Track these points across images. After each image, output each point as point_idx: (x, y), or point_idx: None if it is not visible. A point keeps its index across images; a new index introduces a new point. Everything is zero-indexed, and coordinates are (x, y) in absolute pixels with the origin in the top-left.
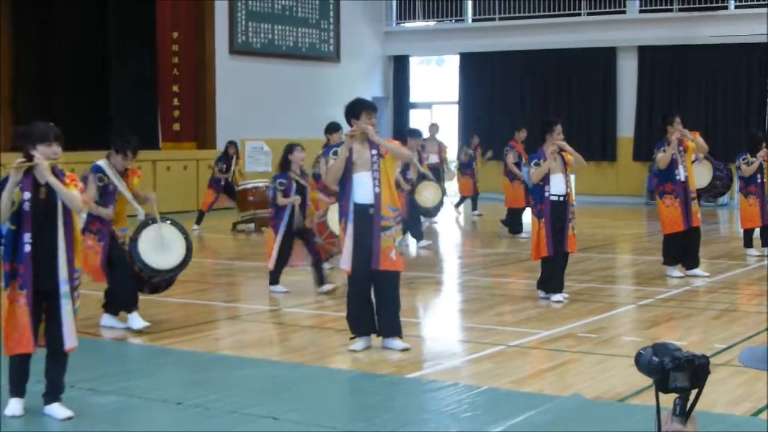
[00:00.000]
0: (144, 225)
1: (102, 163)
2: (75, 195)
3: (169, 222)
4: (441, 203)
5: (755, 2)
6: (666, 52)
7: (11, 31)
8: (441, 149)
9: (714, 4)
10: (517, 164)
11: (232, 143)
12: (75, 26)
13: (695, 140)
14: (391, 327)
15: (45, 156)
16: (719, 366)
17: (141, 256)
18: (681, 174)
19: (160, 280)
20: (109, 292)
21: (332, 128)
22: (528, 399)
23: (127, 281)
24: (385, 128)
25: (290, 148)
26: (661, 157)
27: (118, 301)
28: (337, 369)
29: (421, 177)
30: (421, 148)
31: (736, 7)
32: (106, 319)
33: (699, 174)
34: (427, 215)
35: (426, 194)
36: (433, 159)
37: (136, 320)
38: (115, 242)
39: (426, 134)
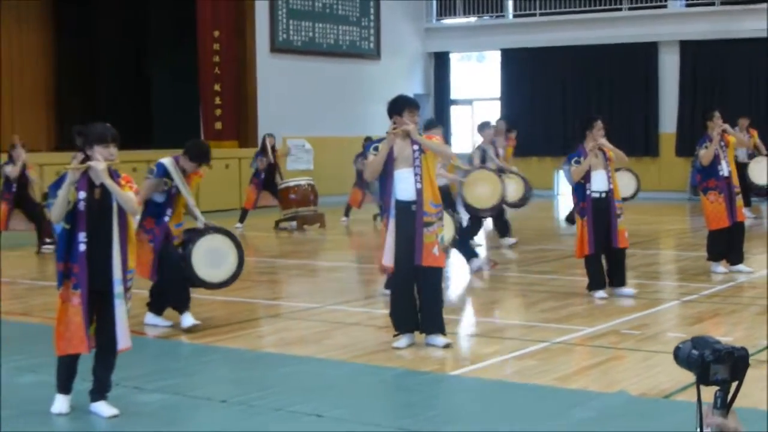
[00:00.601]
0: (201, 234)
1: (168, 164)
2: (130, 197)
3: (225, 234)
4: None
5: None
6: (708, 47)
7: (54, 33)
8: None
9: None
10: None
11: (269, 135)
12: (116, 27)
13: (753, 138)
14: (434, 324)
15: (102, 157)
16: (763, 363)
17: (194, 268)
18: (724, 169)
19: (214, 287)
20: (154, 291)
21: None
22: (573, 396)
23: (179, 280)
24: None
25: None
26: (704, 154)
27: (166, 300)
28: (380, 366)
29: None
30: (493, 143)
31: None
32: (150, 318)
33: (758, 170)
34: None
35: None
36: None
37: (187, 319)
38: (168, 241)
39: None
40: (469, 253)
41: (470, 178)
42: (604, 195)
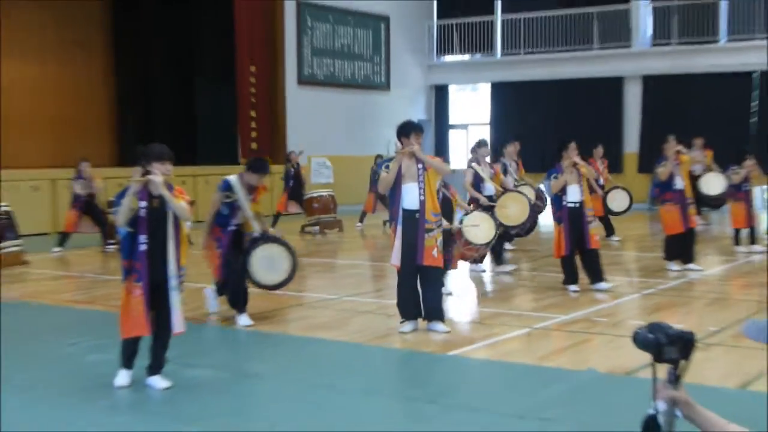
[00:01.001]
0: (258, 241)
1: (233, 180)
2: (183, 206)
3: (281, 243)
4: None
5: (744, 36)
6: (667, 80)
7: (115, 69)
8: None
9: (708, 38)
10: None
11: (291, 152)
12: (168, 62)
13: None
14: (434, 312)
15: (159, 172)
16: (712, 345)
17: (252, 274)
18: (678, 184)
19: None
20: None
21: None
22: (550, 373)
23: (239, 283)
24: (428, 146)
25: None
26: (662, 171)
27: (230, 299)
28: (388, 347)
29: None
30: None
31: (728, 41)
32: (208, 291)
33: (709, 183)
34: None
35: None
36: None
37: (243, 319)
38: (234, 247)
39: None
40: (499, 257)
41: (501, 199)
42: (578, 205)
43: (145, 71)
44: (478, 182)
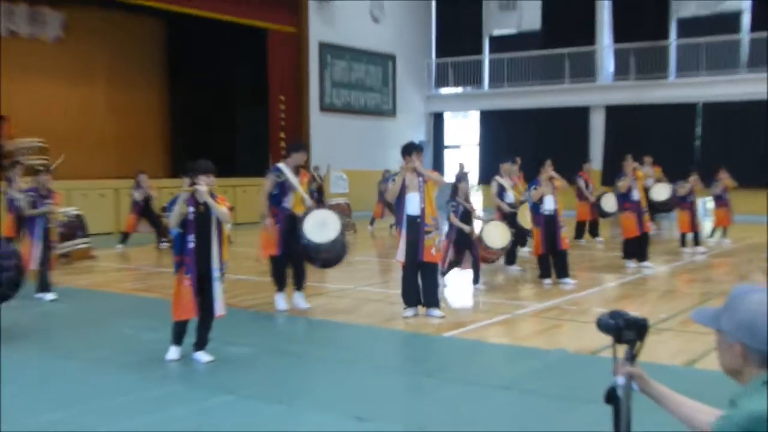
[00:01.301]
0: (310, 210)
1: (282, 165)
2: (224, 211)
3: (327, 208)
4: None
5: (690, 73)
6: (625, 109)
7: (169, 96)
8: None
9: (660, 74)
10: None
11: (315, 167)
12: (213, 90)
13: (657, 171)
14: (432, 301)
15: (204, 183)
16: (663, 330)
17: (305, 232)
18: (635, 195)
19: (327, 257)
20: (275, 275)
21: (410, 150)
22: (526, 352)
23: (299, 261)
24: (427, 163)
25: (459, 178)
26: (621, 185)
27: (283, 277)
28: (394, 329)
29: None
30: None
31: (676, 77)
32: (277, 297)
33: (657, 191)
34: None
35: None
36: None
37: (301, 302)
38: (290, 224)
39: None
40: (511, 259)
41: (522, 207)
42: (552, 213)
43: (194, 98)
44: (501, 192)
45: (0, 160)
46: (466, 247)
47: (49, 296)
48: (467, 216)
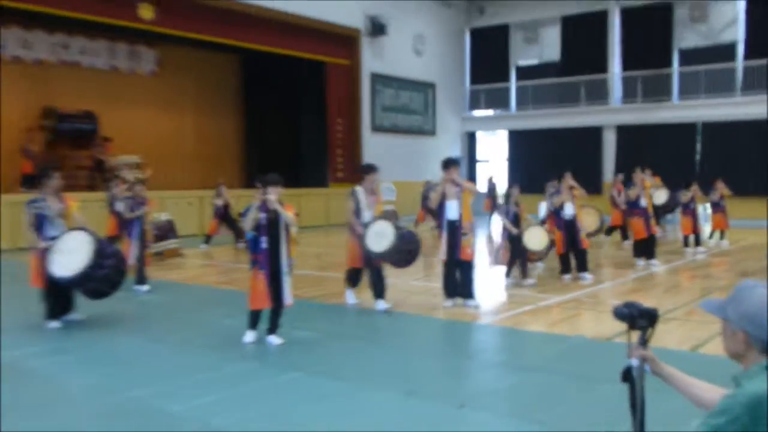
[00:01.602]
0: (368, 224)
1: (358, 188)
2: (291, 217)
3: (385, 220)
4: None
5: (691, 96)
6: (634, 128)
7: (243, 118)
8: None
9: (664, 97)
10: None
11: (427, 181)
12: (280, 114)
13: (657, 180)
14: (468, 292)
15: (274, 193)
16: (670, 320)
17: (366, 244)
18: (643, 202)
19: (396, 259)
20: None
21: (448, 164)
22: (551, 337)
23: (379, 275)
24: (462, 175)
25: (511, 186)
26: (631, 193)
27: (357, 281)
28: (436, 318)
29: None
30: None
31: (679, 100)
32: (348, 293)
33: (657, 196)
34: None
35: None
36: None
37: (380, 304)
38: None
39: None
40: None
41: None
42: (572, 217)
43: (265, 121)
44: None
45: (104, 173)
46: (518, 246)
47: (145, 288)
48: (517, 219)
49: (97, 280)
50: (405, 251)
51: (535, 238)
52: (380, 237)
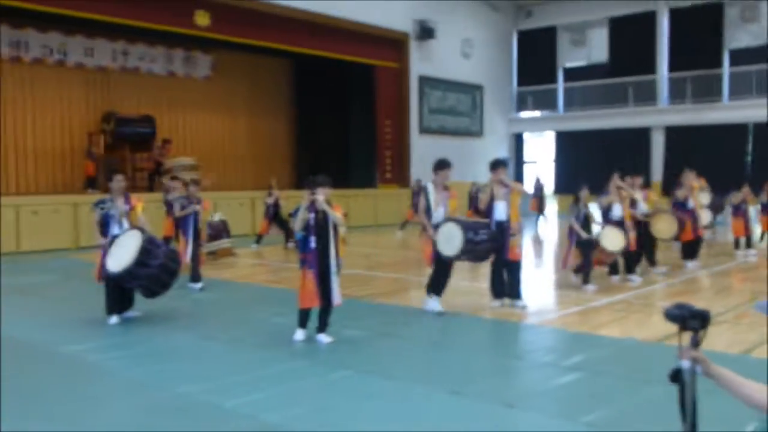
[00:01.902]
0: (440, 224)
1: (428, 184)
2: (339, 217)
3: (454, 222)
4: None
5: (742, 97)
6: (682, 130)
7: (294, 121)
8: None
9: (714, 98)
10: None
11: (417, 180)
12: (330, 116)
13: (702, 182)
14: (516, 293)
15: (322, 194)
16: (720, 322)
17: (439, 248)
18: (690, 203)
19: (469, 258)
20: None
21: (497, 165)
22: (600, 339)
23: (443, 275)
24: (509, 176)
25: (580, 188)
26: (681, 194)
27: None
28: (483, 318)
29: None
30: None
31: (730, 100)
32: (430, 301)
33: (703, 198)
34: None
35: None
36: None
37: (435, 305)
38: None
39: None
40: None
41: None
42: (620, 218)
43: (315, 123)
44: (633, 203)
45: (162, 174)
46: (587, 250)
47: (198, 286)
48: (587, 222)
49: (142, 278)
50: (477, 250)
51: (612, 239)
52: (449, 240)
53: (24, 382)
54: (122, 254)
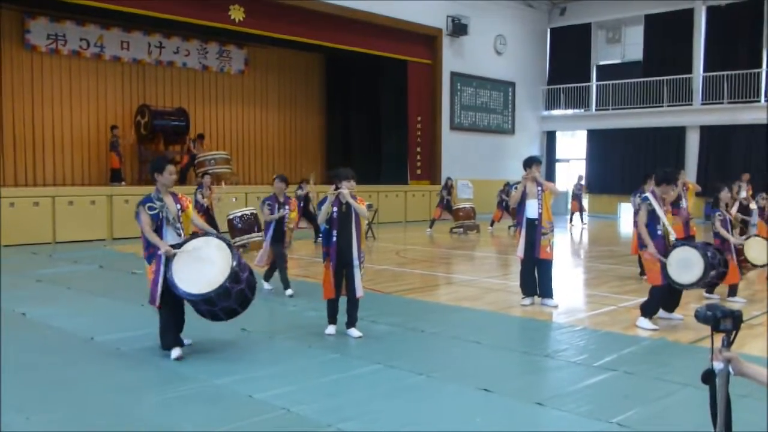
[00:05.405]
0: (677, 245)
1: (649, 194)
2: (363, 209)
3: (695, 248)
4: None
5: None
6: (718, 130)
7: (326, 117)
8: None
9: (751, 98)
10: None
11: (448, 178)
12: (361, 113)
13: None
14: (546, 291)
15: (346, 187)
16: (755, 326)
17: (671, 276)
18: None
19: (702, 285)
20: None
21: (530, 162)
22: (630, 339)
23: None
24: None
25: (719, 189)
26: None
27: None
28: (513, 315)
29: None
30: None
31: (766, 100)
32: (642, 321)
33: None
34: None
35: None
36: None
37: (675, 317)
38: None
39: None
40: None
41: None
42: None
43: (346, 119)
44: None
45: (195, 168)
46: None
47: (289, 292)
48: (730, 226)
49: (222, 304)
50: (713, 274)
51: (759, 251)
52: (687, 267)
53: (59, 371)
54: (199, 269)
